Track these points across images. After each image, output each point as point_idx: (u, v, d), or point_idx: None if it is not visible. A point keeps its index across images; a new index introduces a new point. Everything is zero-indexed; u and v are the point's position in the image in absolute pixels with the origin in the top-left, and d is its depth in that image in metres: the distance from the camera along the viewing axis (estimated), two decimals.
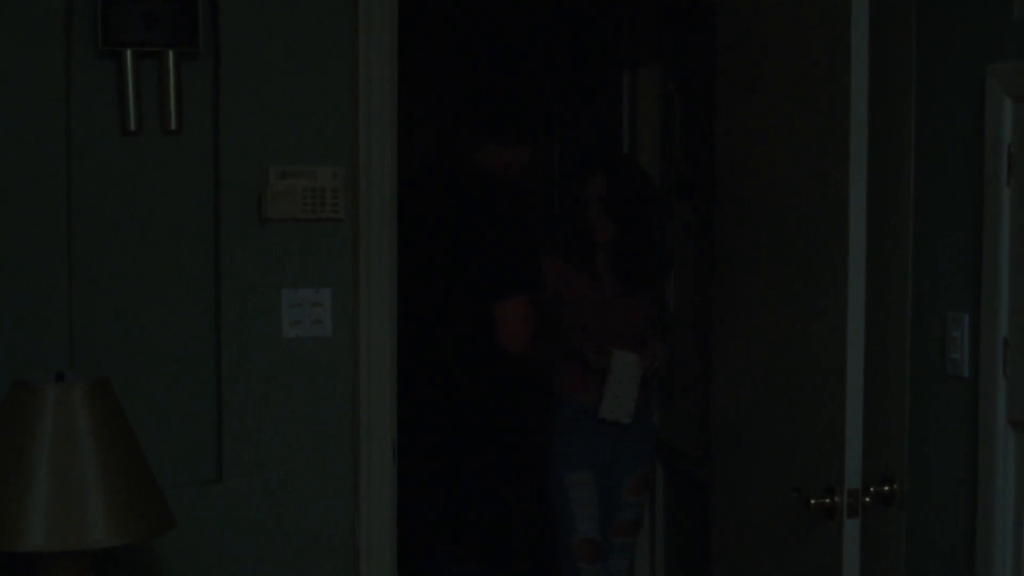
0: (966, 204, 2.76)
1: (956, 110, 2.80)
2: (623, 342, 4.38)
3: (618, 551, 4.53)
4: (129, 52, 3.15)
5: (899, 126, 2.95)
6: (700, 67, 4.18)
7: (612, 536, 4.51)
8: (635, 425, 4.45)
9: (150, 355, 3.23)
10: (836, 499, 2.81)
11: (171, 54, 3.17)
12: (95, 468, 2.68)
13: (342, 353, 3.31)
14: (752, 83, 3.30)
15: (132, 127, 3.18)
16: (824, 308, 2.89)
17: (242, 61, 3.22)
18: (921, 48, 2.92)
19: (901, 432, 2.96)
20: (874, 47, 2.78)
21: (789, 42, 3.08)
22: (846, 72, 2.77)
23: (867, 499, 2.85)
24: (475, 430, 4.18)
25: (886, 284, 2.97)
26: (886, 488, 2.96)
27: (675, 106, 4.73)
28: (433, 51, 5.73)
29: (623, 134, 5.05)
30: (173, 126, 3.20)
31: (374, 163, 3.30)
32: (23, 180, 3.10)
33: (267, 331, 3.26)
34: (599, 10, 5.14)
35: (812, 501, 2.84)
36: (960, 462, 2.79)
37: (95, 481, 2.68)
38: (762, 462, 3.25)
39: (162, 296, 3.24)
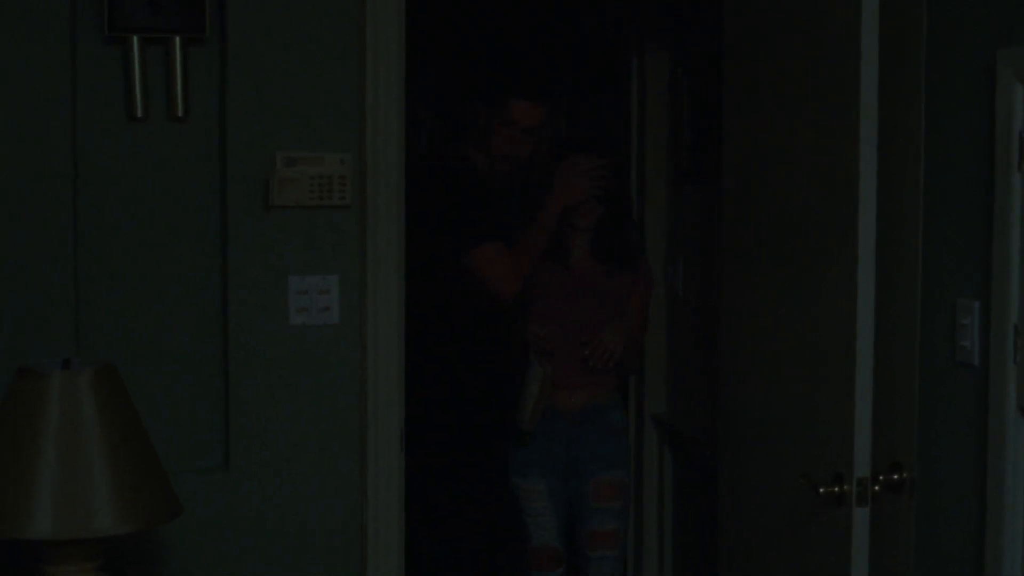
0: (976, 190, 2.74)
1: (966, 96, 2.79)
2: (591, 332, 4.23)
3: (595, 564, 4.32)
4: (135, 38, 3.14)
5: (909, 112, 2.93)
6: (708, 52, 4.16)
7: (587, 549, 4.32)
8: (592, 425, 4.29)
9: (156, 342, 3.23)
10: (845, 487, 2.80)
11: (177, 40, 3.17)
12: (101, 455, 2.68)
13: (349, 341, 3.31)
14: (760, 71, 3.29)
15: (138, 114, 3.17)
16: (833, 295, 2.88)
17: (249, 47, 3.21)
18: (931, 34, 2.90)
19: (911, 420, 2.95)
20: (884, 33, 2.77)
21: (798, 31, 3.06)
22: (856, 59, 2.76)
23: (876, 487, 2.84)
24: (478, 417, 4.16)
25: (896, 271, 2.95)
26: (895, 476, 2.94)
27: (683, 92, 4.71)
28: (441, 38, 5.72)
29: (631, 120, 5.03)
30: (179, 113, 3.19)
31: (381, 150, 3.29)
32: (29, 167, 3.10)
33: (274, 318, 3.25)
34: None
35: (821, 489, 2.83)
36: (970, 450, 2.77)
37: (101, 468, 2.67)
38: (770, 449, 3.24)
39: (168, 283, 3.24)
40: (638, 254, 4.42)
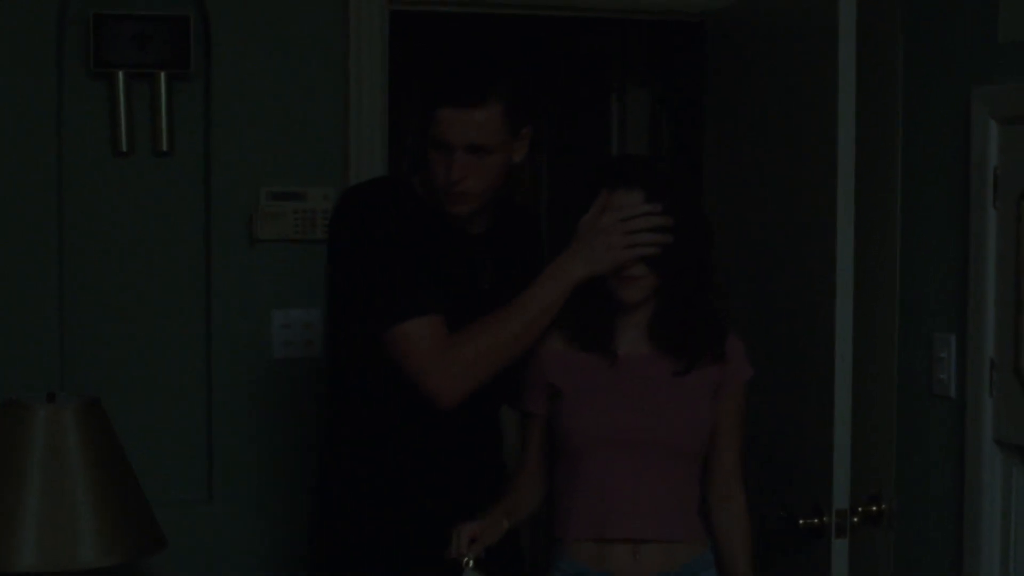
0: (953, 226, 2.78)
1: (942, 132, 2.83)
2: (653, 479, 2.58)
3: None
4: (121, 73, 3.17)
5: (886, 149, 2.97)
6: (688, 89, 4.20)
7: None
8: None
9: (141, 374, 3.24)
10: (824, 519, 2.82)
11: (163, 75, 3.19)
12: (86, 488, 2.68)
13: None
14: (739, 108, 3.32)
15: (123, 148, 3.19)
16: (811, 329, 2.91)
17: (233, 82, 3.23)
18: (907, 71, 2.94)
19: (889, 452, 2.97)
20: (861, 70, 2.80)
21: (777, 69, 3.10)
22: (833, 96, 2.79)
23: (855, 519, 2.86)
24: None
25: (874, 305, 2.98)
26: (874, 508, 2.97)
27: (663, 128, 4.74)
28: (427, 64, 5.73)
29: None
30: (164, 147, 3.22)
31: None
32: (15, 200, 3.11)
33: (258, 351, 3.27)
34: (586, 32, 5.16)
35: (800, 521, 2.85)
36: (947, 482, 2.80)
37: (86, 501, 2.68)
38: (751, 481, 3.26)
39: (153, 316, 3.25)
40: (723, 335, 2.66)
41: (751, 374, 2.69)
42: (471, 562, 2.45)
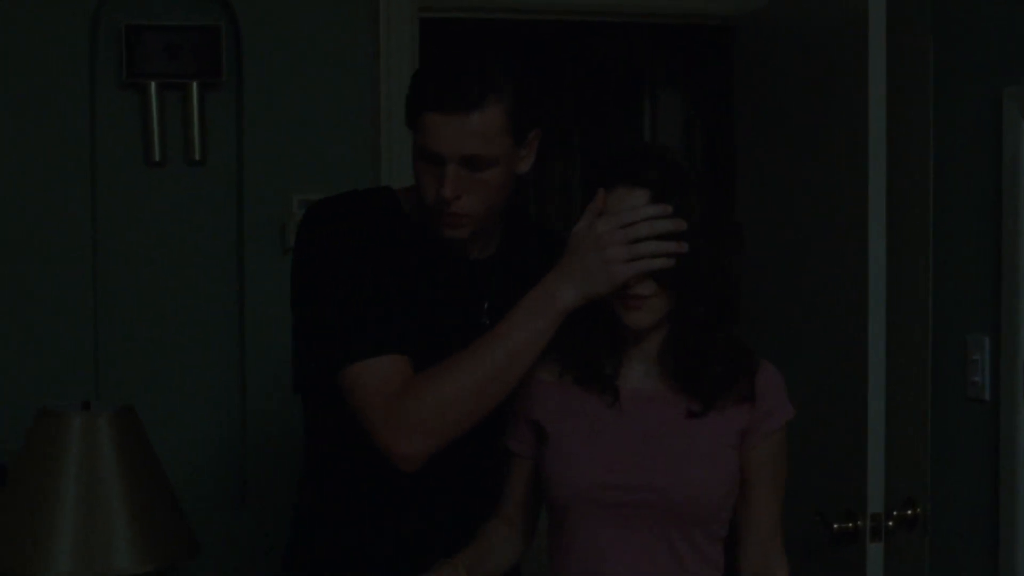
0: (985, 226, 2.76)
1: (973, 133, 2.81)
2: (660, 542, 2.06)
3: None
4: (153, 84, 3.19)
5: (917, 150, 2.96)
6: (720, 93, 4.20)
7: None
8: None
9: (174, 382, 3.26)
10: (859, 523, 2.81)
11: (195, 85, 3.21)
12: (120, 495, 2.70)
13: None
14: (769, 112, 3.32)
15: (156, 158, 3.22)
16: (844, 333, 2.90)
17: (265, 91, 3.25)
18: (938, 72, 2.93)
19: (923, 456, 2.96)
20: (891, 71, 2.80)
21: (806, 71, 3.09)
22: (863, 97, 2.78)
23: (890, 523, 2.84)
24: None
25: (906, 307, 2.97)
26: (909, 512, 2.95)
27: (696, 133, 4.74)
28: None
29: None
30: (197, 156, 3.24)
31: None
32: (49, 210, 3.14)
33: (290, 360, 3.27)
34: (617, 37, 5.17)
35: (835, 525, 2.84)
36: (982, 485, 2.78)
37: (120, 508, 2.70)
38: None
39: (186, 324, 3.27)
40: (751, 367, 2.11)
41: (791, 415, 2.13)
42: None
